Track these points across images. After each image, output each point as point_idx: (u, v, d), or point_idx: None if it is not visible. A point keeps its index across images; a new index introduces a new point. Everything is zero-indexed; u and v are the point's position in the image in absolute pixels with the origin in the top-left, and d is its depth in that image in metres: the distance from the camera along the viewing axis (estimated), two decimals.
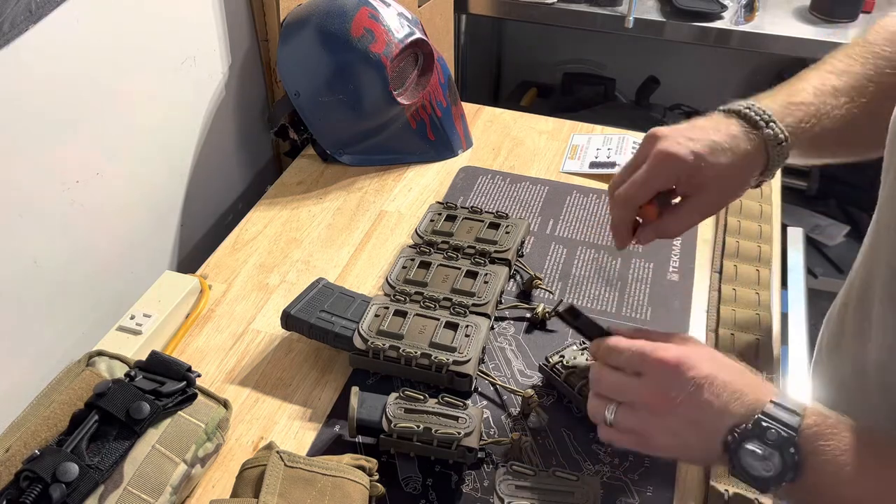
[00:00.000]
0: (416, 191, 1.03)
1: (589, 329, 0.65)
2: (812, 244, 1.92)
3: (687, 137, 0.64)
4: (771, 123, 0.64)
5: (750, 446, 0.52)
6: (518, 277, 0.88)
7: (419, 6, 1.30)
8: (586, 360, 0.73)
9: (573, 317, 0.65)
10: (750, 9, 1.63)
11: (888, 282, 0.58)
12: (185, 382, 0.66)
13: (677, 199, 0.67)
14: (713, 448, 0.54)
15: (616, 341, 0.60)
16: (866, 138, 0.67)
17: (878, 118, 0.64)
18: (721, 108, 0.68)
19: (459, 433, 0.65)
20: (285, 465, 0.58)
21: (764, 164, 0.65)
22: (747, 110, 0.65)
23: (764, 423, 0.52)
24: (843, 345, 0.67)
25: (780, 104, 0.66)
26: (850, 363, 0.66)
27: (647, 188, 0.65)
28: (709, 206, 0.67)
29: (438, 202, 0.94)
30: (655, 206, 0.66)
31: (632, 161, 0.67)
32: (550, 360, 0.74)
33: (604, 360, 0.60)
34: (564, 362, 0.73)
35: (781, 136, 0.63)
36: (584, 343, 0.76)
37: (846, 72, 0.68)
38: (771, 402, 0.53)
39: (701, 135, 0.64)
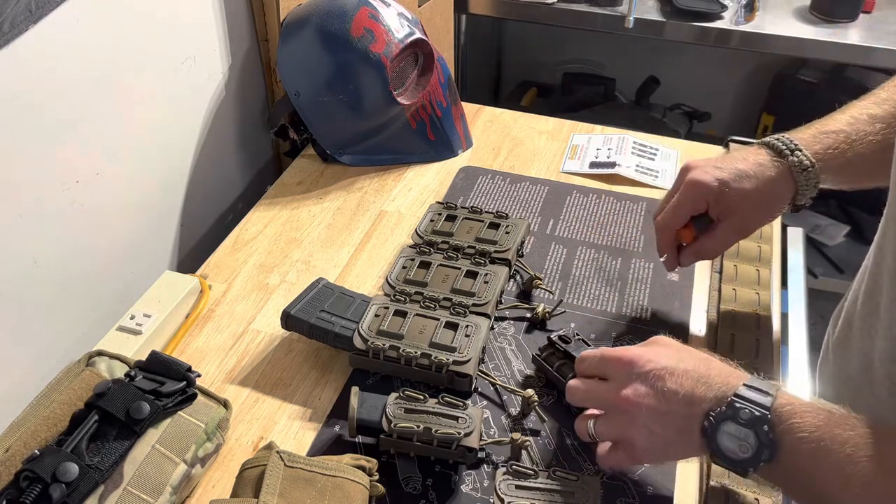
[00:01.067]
0: (416, 191, 1.03)
1: (561, 369, 0.73)
2: (812, 244, 1.92)
3: (714, 167, 0.71)
4: (796, 152, 0.69)
5: (726, 429, 0.53)
6: (518, 277, 0.88)
7: (419, 6, 1.30)
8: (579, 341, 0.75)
9: (564, 342, 0.74)
10: (750, 9, 1.63)
11: (894, 275, 0.59)
12: (185, 382, 0.66)
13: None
14: (692, 438, 0.55)
15: (584, 352, 0.65)
16: None
17: None
18: (755, 141, 0.74)
19: (459, 433, 0.65)
20: (285, 465, 0.58)
21: (793, 189, 0.70)
22: (775, 141, 0.71)
23: (737, 405, 0.53)
24: (851, 339, 0.68)
25: (810, 134, 0.71)
26: (856, 357, 0.66)
27: (680, 213, 0.73)
28: (741, 228, 0.74)
29: (438, 202, 0.94)
30: (691, 229, 0.75)
31: (671, 190, 0.76)
32: (544, 351, 0.75)
33: (577, 372, 0.65)
34: (557, 353, 0.74)
35: (806, 162, 0.68)
36: (578, 335, 0.77)
37: (888, 100, 0.71)
38: (743, 384, 0.54)
39: (728, 164, 0.71)
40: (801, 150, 0.69)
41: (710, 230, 0.74)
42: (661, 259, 0.80)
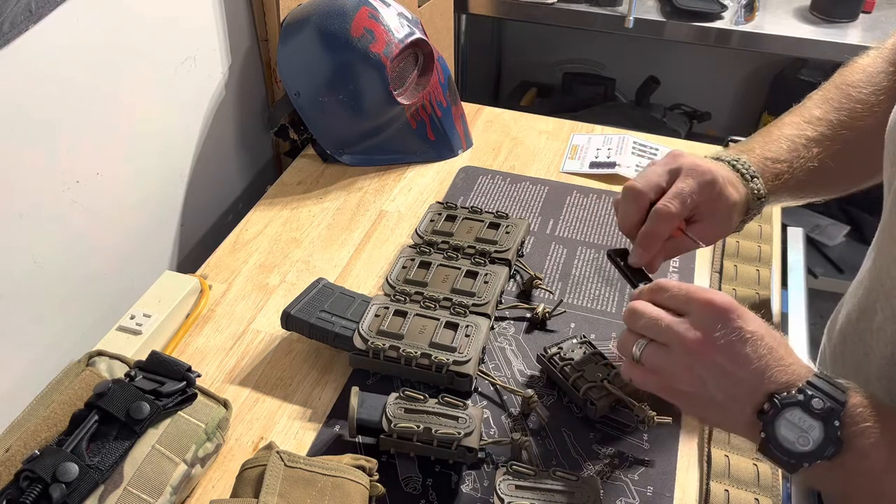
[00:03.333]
0: (416, 191, 1.03)
1: (634, 275, 0.67)
2: (812, 244, 1.92)
3: (706, 160, 0.68)
4: (755, 179, 0.69)
5: (789, 416, 0.49)
6: (518, 277, 0.88)
7: (419, 6, 1.30)
8: (584, 353, 0.74)
9: (621, 258, 0.69)
10: (750, 9, 1.63)
11: (891, 290, 0.58)
12: (184, 382, 0.66)
13: None
14: (742, 413, 0.51)
15: (664, 280, 0.58)
16: (838, 181, 0.73)
17: (853, 161, 0.70)
18: (708, 156, 0.71)
19: (459, 433, 0.65)
20: (285, 465, 0.58)
21: (744, 211, 0.70)
22: (735, 163, 0.70)
23: (809, 392, 0.49)
24: (846, 353, 0.67)
25: (757, 158, 0.71)
26: (853, 372, 0.65)
27: (688, 202, 0.66)
28: (711, 236, 0.70)
29: (438, 202, 0.94)
30: (684, 223, 0.69)
31: (654, 168, 0.68)
32: (548, 351, 0.75)
33: (646, 298, 0.58)
34: (562, 354, 0.74)
35: (763, 191, 0.69)
36: (583, 337, 0.76)
37: (821, 120, 0.72)
38: (815, 374, 0.51)
39: (713, 164, 0.68)
40: (758, 178, 0.69)
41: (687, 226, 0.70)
42: (640, 247, 0.68)
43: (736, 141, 1.00)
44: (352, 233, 0.96)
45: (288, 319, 0.77)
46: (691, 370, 0.53)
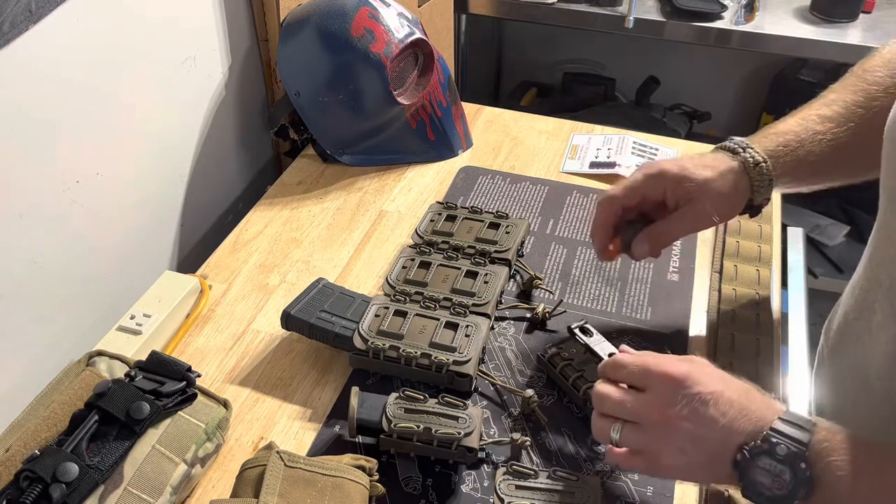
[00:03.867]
0: (416, 191, 1.03)
1: (600, 348, 0.71)
2: (812, 244, 1.92)
3: (673, 160, 0.72)
4: (748, 149, 0.71)
5: (761, 463, 0.51)
6: (518, 277, 0.88)
7: (419, 6, 1.30)
8: (583, 353, 0.74)
9: (585, 334, 0.73)
10: (750, 9, 1.63)
11: (889, 289, 0.58)
12: (185, 382, 0.66)
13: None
14: (722, 468, 0.53)
15: (621, 357, 0.61)
16: (857, 162, 0.72)
17: (868, 142, 0.68)
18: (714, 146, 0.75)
19: (459, 433, 0.65)
20: (285, 465, 0.58)
21: (748, 183, 0.70)
22: (727, 143, 0.73)
23: (773, 439, 0.51)
24: (844, 352, 0.67)
25: (761, 134, 0.73)
26: (851, 371, 0.65)
27: (634, 192, 0.72)
28: (696, 218, 0.71)
29: (438, 202, 0.94)
30: (619, 242, 0.74)
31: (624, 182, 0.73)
32: (548, 351, 0.75)
33: (608, 377, 0.61)
34: (562, 354, 0.74)
35: (759, 157, 0.70)
36: (584, 321, 0.76)
37: (836, 100, 0.72)
38: (779, 418, 0.53)
39: (681, 158, 0.72)
40: (752, 147, 0.71)
41: (667, 214, 0.72)
42: (593, 241, 0.75)
43: None
44: (352, 233, 0.96)
45: (288, 319, 0.77)
46: (669, 442, 0.55)
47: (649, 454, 0.57)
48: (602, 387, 0.60)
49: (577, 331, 0.74)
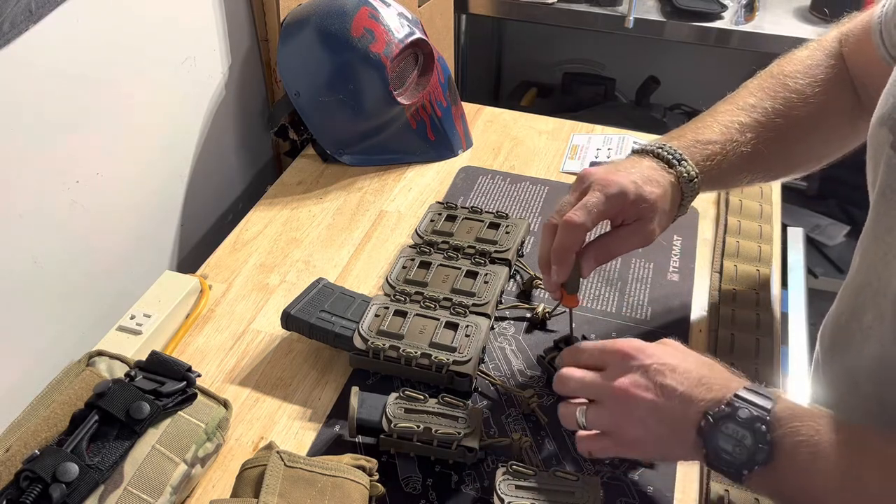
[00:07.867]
0: (416, 191, 1.03)
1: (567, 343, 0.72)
2: (812, 244, 1.92)
3: (619, 171, 0.67)
4: (683, 162, 0.69)
5: (724, 429, 0.52)
6: (518, 277, 0.88)
7: (419, 6, 1.30)
8: None
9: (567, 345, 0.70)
10: (750, 9, 1.63)
11: (878, 291, 0.58)
12: (185, 382, 0.66)
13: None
14: (687, 437, 0.54)
15: (581, 343, 0.64)
16: (771, 168, 0.74)
17: (787, 149, 0.70)
18: (634, 149, 0.72)
19: (459, 433, 0.65)
20: (285, 465, 0.58)
21: (680, 198, 0.70)
22: (660, 150, 0.70)
23: (736, 404, 0.53)
24: (837, 355, 0.67)
25: (688, 142, 0.70)
26: (844, 373, 0.65)
27: (594, 213, 0.65)
28: (648, 234, 0.68)
29: (438, 202, 0.94)
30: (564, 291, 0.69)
31: (566, 198, 0.68)
32: (548, 352, 0.75)
33: (568, 362, 0.63)
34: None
35: (693, 172, 0.68)
36: (583, 337, 0.76)
37: (756, 107, 0.72)
38: (744, 388, 0.54)
39: (630, 168, 0.68)
40: (686, 161, 0.69)
41: (616, 230, 0.69)
42: (554, 266, 0.67)
43: None
44: (352, 233, 0.96)
45: (288, 319, 0.77)
46: (631, 415, 0.57)
47: (614, 432, 0.58)
48: (563, 370, 0.62)
49: (560, 343, 0.75)
